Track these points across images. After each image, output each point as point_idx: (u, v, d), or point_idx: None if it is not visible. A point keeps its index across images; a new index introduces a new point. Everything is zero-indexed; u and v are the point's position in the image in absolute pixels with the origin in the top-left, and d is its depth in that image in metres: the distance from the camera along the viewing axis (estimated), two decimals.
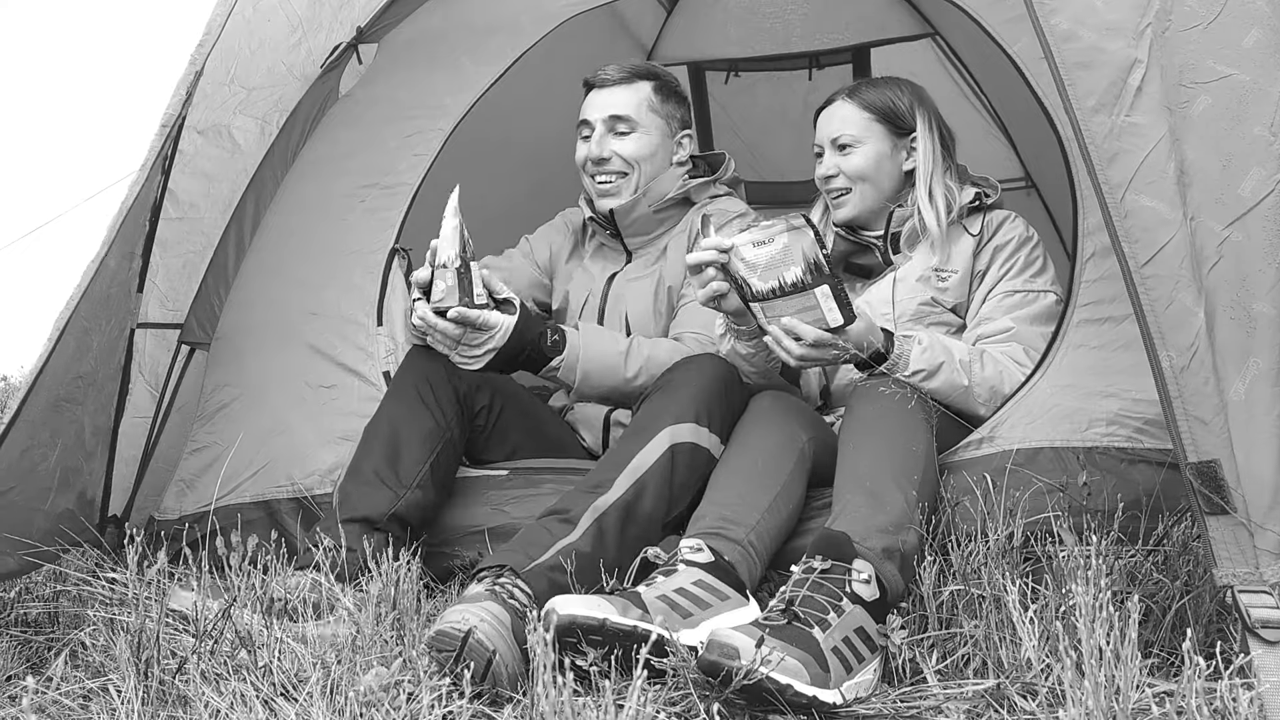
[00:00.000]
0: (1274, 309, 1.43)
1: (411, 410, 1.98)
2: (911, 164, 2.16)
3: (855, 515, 1.56)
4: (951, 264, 2.09)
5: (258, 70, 2.28)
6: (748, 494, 1.71)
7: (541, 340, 1.99)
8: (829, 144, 2.17)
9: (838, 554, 1.48)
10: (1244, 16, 1.53)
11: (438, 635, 1.38)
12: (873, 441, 1.69)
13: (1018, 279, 2.05)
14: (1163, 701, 1.24)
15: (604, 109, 2.28)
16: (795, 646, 1.31)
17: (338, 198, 2.37)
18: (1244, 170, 1.48)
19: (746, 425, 1.87)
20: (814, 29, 3.60)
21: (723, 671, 1.28)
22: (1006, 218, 2.14)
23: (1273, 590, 1.30)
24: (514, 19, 2.44)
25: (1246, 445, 1.37)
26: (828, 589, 1.44)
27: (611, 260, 2.38)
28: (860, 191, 2.15)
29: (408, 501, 1.88)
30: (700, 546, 1.59)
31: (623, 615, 1.43)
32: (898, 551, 1.52)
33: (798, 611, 1.39)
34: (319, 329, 2.26)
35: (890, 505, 1.58)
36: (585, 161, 2.30)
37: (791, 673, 1.29)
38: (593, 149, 2.27)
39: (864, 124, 2.15)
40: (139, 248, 2.03)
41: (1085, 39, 1.51)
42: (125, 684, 1.35)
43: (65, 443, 1.81)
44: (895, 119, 2.16)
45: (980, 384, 1.88)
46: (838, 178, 2.16)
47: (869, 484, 1.61)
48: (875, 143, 2.15)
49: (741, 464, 1.78)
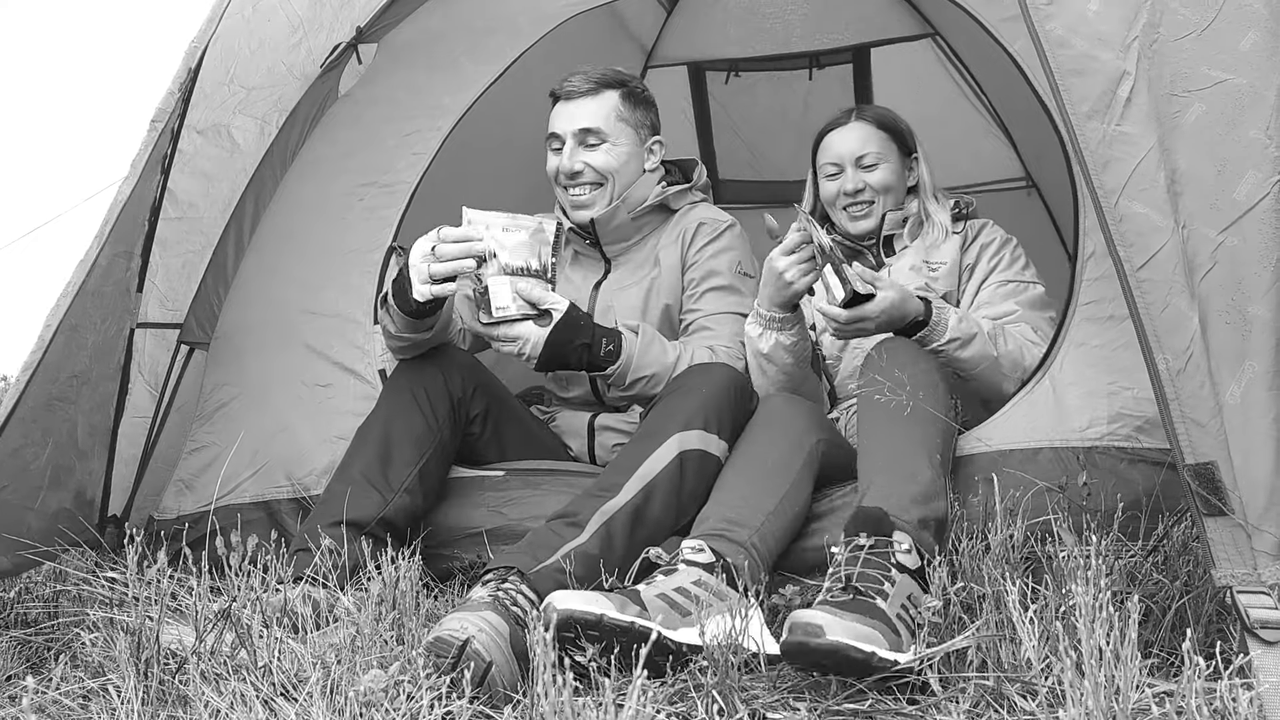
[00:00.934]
0: (1269, 312, 1.43)
1: (404, 412, 1.99)
2: (914, 179, 2.35)
3: (887, 489, 1.61)
4: (940, 257, 2.25)
5: (257, 70, 2.28)
6: (752, 496, 1.73)
7: (595, 348, 2.03)
8: (851, 162, 2.30)
9: (877, 529, 1.53)
10: (1241, 20, 1.53)
11: (435, 642, 1.37)
12: (894, 426, 1.73)
13: (1008, 271, 2.20)
14: (1162, 701, 1.24)
15: (572, 121, 2.25)
16: (869, 618, 1.37)
17: (336, 197, 2.37)
18: (1239, 174, 1.48)
19: (755, 426, 1.89)
20: (814, 29, 3.60)
21: (809, 649, 1.33)
22: (986, 223, 2.31)
23: (1271, 591, 1.30)
24: (513, 19, 2.45)
25: (1243, 448, 1.37)
26: (876, 562, 1.48)
27: (590, 269, 2.36)
28: (881, 204, 2.30)
29: (395, 506, 1.89)
30: (701, 547, 1.60)
31: (620, 611, 1.44)
32: (932, 520, 1.58)
33: (858, 586, 1.44)
34: (317, 328, 2.27)
35: (919, 476, 1.63)
36: (557, 174, 2.27)
37: (872, 641, 1.34)
38: (564, 163, 2.24)
39: (883, 142, 2.31)
40: (138, 247, 2.03)
41: (1078, 46, 1.52)
42: (125, 684, 1.35)
43: (57, 441, 1.80)
44: (902, 139, 2.34)
45: (1005, 356, 1.96)
46: (864, 191, 2.29)
47: (895, 459, 1.66)
48: (893, 160, 2.32)
49: (747, 466, 1.80)
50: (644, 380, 2.08)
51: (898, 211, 2.31)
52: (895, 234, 2.31)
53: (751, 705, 1.36)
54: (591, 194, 2.26)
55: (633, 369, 2.06)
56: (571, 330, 2.01)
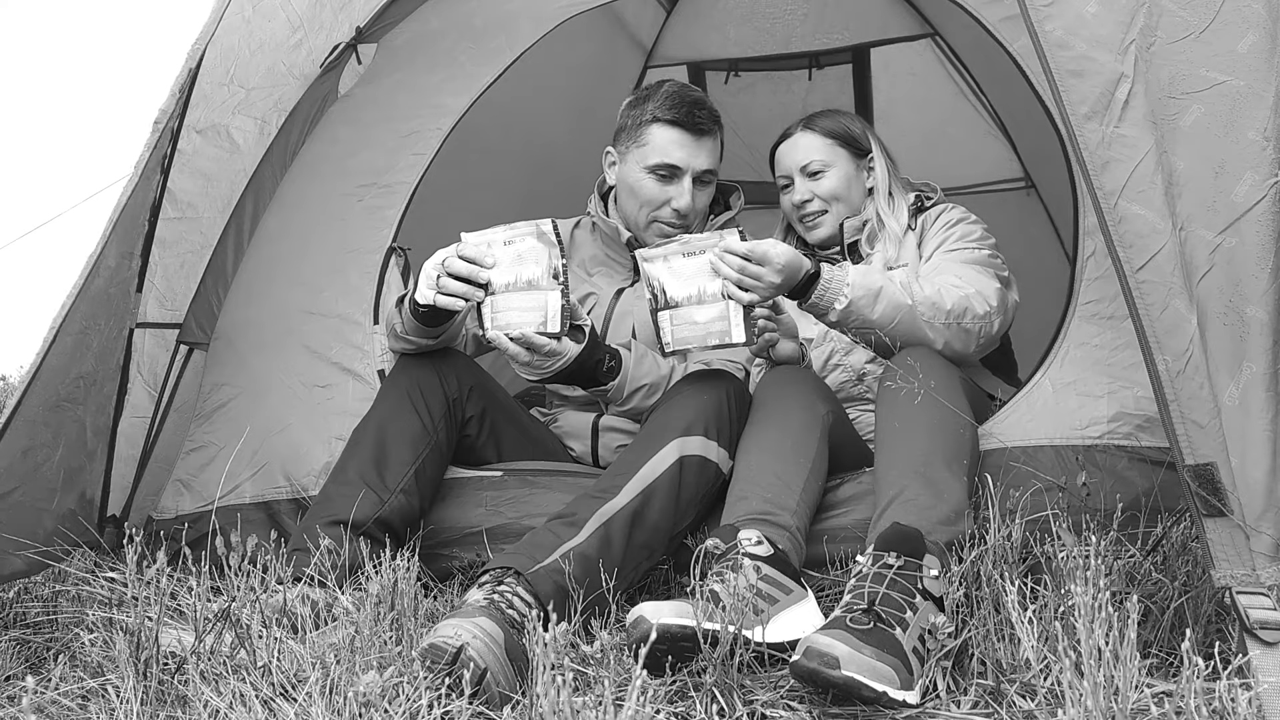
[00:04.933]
0: (1267, 313, 1.43)
1: (400, 413, 1.99)
2: (872, 181, 2.32)
3: (917, 505, 1.58)
4: (901, 259, 2.22)
5: (257, 70, 2.28)
6: (784, 473, 1.74)
7: (599, 366, 2.04)
8: (798, 173, 2.30)
9: (911, 550, 1.49)
10: (1239, 22, 1.53)
11: (430, 649, 1.37)
12: (921, 426, 1.71)
13: (955, 244, 2.14)
14: (1161, 702, 1.25)
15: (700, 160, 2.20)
16: (886, 653, 1.34)
17: (336, 197, 2.37)
18: (1237, 176, 1.48)
19: (770, 397, 1.90)
20: (814, 29, 3.60)
21: (821, 678, 1.31)
22: (944, 208, 2.26)
23: (1270, 592, 1.30)
24: (513, 20, 2.44)
25: (1241, 449, 1.37)
26: (902, 585, 1.45)
27: (616, 273, 2.35)
28: (835, 211, 2.29)
29: (391, 507, 1.89)
30: (760, 539, 1.60)
31: (709, 620, 1.42)
32: (955, 543, 1.57)
33: (880, 612, 1.41)
34: (316, 328, 2.27)
35: (949, 494, 1.61)
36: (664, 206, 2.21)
37: (886, 680, 1.32)
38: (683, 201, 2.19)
39: (828, 149, 2.30)
40: (138, 247, 2.03)
41: (1077, 48, 1.52)
42: (124, 684, 1.35)
43: (68, 442, 1.81)
44: (853, 142, 2.31)
45: (922, 302, 1.89)
46: (812, 202, 2.29)
47: (925, 470, 1.63)
48: (842, 165, 2.29)
49: (771, 440, 1.80)
50: (640, 392, 2.09)
51: (855, 217, 2.28)
52: (858, 239, 2.29)
53: (751, 705, 1.36)
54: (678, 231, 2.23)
55: (629, 382, 2.07)
56: (594, 348, 2.02)
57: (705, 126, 2.20)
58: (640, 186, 2.22)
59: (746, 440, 1.83)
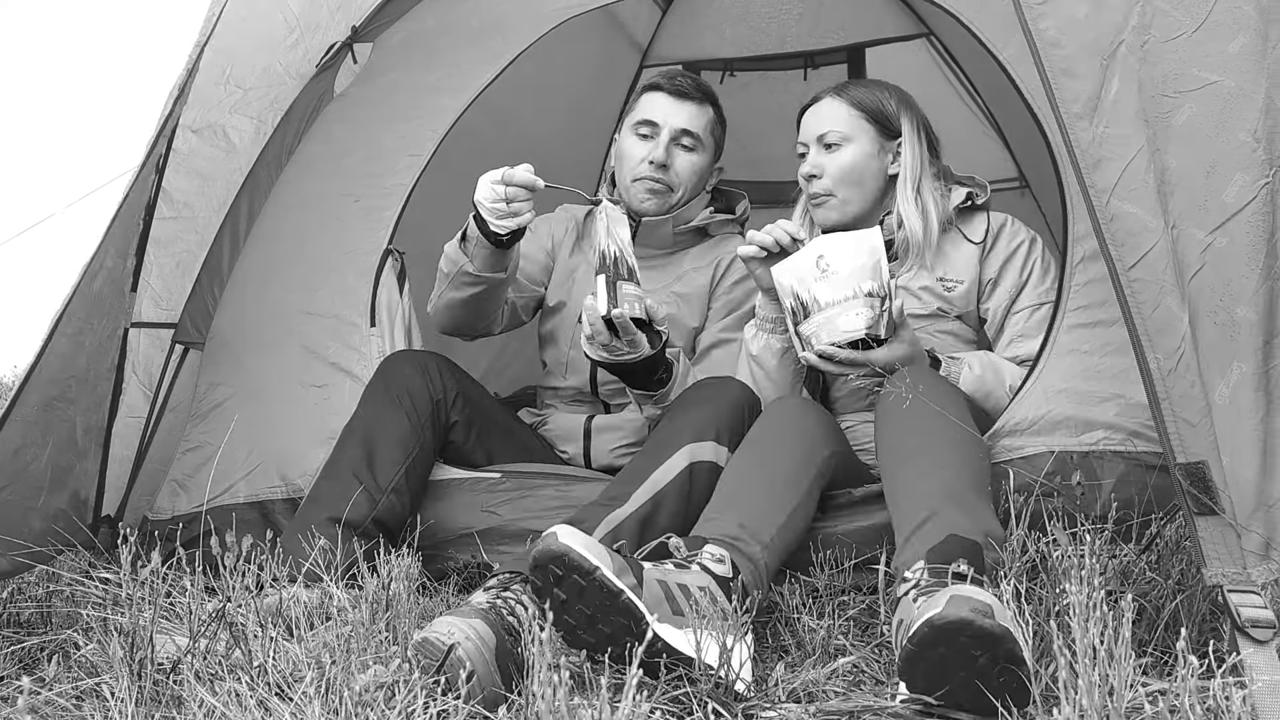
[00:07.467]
0: (1257, 314, 1.44)
1: (387, 413, 1.99)
2: (896, 168, 2.11)
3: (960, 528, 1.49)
4: (955, 273, 2.08)
5: (253, 70, 2.28)
6: (767, 508, 1.66)
7: (653, 373, 2.01)
8: (814, 141, 2.13)
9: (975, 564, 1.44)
10: (1231, 22, 1.54)
11: (422, 643, 1.37)
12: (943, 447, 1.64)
13: (1041, 287, 2.05)
14: (1156, 700, 1.25)
15: (678, 118, 2.23)
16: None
17: (332, 197, 2.36)
18: (1228, 176, 1.49)
19: (770, 429, 1.82)
20: (809, 29, 3.60)
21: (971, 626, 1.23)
22: (1005, 223, 2.12)
23: (1261, 590, 1.31)
24: (510, 20, 2.44)
25: (1231, 448, 1.38)
26: None
27: None
28: (842, 198, 2.11)
29: (384, 506, 1.89)
30: (723, 558, 1.52)
31: (616, 575, 1.37)
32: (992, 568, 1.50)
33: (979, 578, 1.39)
34: (312, 329, 2.26)
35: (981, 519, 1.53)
36: (643, 162, 2.24)
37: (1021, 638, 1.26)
38: (657, 152, 2.22)
39: (852, 122, 2.11)
40: (133, 247, 2.03)
41: (1069, 47, 1.53)
42: (119, 684, 1.35)
43: (57, 441, 1.80)
44: (883, 120, 2.12)
45: (1012, 390, 1.91)
46: (821, 179, 2.11)
47: (958, 497, 1.55)
48: (862, 142, 2.10)
49: (762, 472, 1.72)
50: None
51: (890, 216, 2.10)
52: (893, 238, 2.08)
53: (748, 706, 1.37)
54: (665, 197, 2.26)
55: (673, 394, 2.05)
56: (660, 359, 2.00)
57: (687, 90, 2.25)
58: (625, 148, 2.29)
59: (739, 458, 1.77)
